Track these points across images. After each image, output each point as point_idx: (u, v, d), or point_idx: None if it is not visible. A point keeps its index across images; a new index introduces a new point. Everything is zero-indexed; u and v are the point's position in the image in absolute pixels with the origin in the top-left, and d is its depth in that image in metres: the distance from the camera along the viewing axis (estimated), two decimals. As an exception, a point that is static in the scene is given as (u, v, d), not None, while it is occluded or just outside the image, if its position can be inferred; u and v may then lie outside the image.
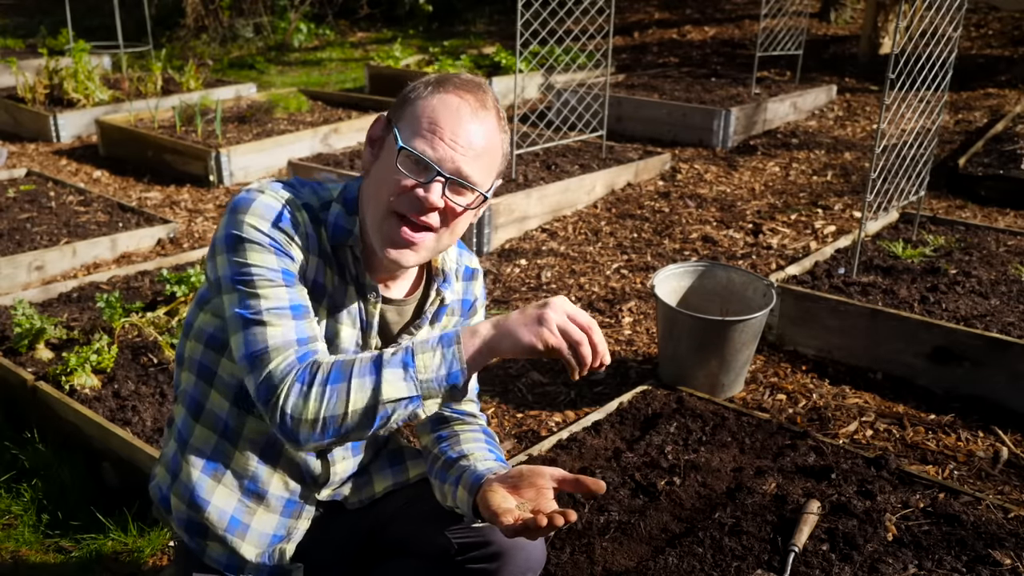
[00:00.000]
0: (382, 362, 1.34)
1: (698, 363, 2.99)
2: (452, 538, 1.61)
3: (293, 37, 11.02)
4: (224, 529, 1.60)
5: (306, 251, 1.45)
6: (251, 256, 1.39)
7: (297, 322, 1.39)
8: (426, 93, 1.41)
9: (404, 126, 1.41)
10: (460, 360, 1.34)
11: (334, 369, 1.35)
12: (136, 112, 6.54)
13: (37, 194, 5.06)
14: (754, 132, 6.36)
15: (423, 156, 1.37)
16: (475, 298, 1.73)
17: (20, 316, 3.09)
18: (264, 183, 1.48)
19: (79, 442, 2.68)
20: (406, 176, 1.38)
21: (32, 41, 9.91)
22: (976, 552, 2.15)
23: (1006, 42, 8.64)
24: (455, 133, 1.38)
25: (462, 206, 1.42)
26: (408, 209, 1.40)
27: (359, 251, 1.50)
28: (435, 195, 1.38)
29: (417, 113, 1.40)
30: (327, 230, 1.48)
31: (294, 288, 1.41)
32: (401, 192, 1.39)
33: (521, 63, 5.82)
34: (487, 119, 1.42)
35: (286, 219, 1.42)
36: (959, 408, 2.97)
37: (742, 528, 2.22)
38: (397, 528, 1.72)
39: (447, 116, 1.39)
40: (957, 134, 6.11)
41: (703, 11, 11.00)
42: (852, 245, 3.82)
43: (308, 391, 1.33)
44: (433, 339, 1.36)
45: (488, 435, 1.71)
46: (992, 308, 3.29)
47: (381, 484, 1.75)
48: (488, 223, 4.38)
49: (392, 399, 1.33)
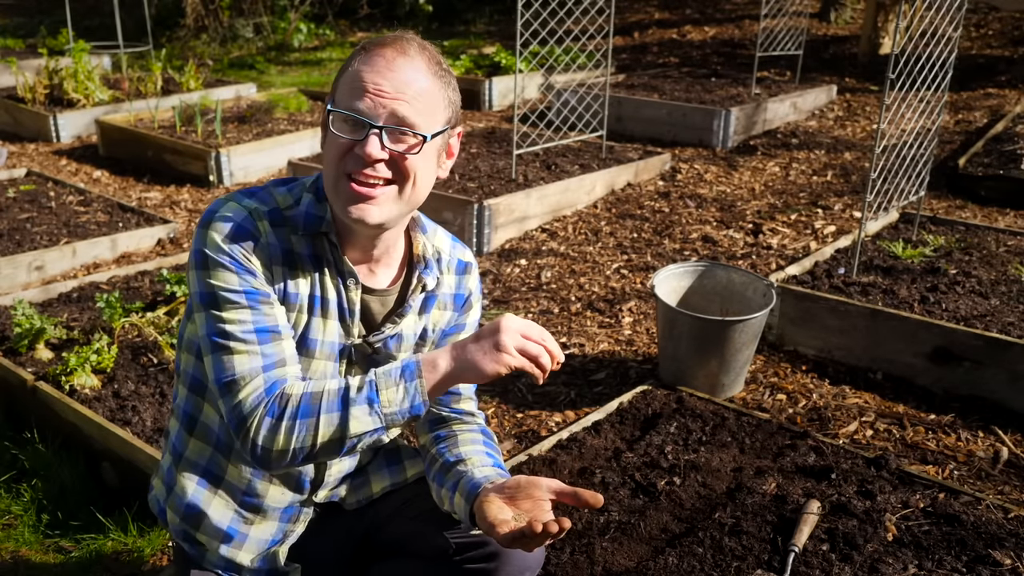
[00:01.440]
0: (348, 399, 1.38)
1: (698, 363, 3.00)
2: (450, 538, 1.61)
3: (293, 37, 11.02)
4: (221, 540, 1.61)
5: (268, 263, 1.45)
6: (215, 276, 1.41)
7: (263, 346, 1.41)
8: (352, 61, 1.43)
9: (338, 97, 1.43)
10: (422, 393, 1.38)
11: (303, 403, 1.38)
12: (136, 112, 6.55)
13: (37, 194, 5.06)
14: (754, 132, 6.36)
15: (350, 112, 1.39)
16: (469, 292, 1.71)
17: (20, 316, 3.09)
18: (231, 194, 1.49)
19: (79, 442, 2.68)
20: (343, 137, 1.40)
21: (32, 41, 9.91)
22: (976, 552, 2.15)
23: (1006, 42, 8.64)
24: (376, 83, 1.39)
25: (403, 150, 1.41)
26: (353, 167, 1.41)
27: (334, 236, 1.50)
28: (373, 147, 1.38)
29: (344, 80, 1.42)
30: (299, 222, 1.49)
31: (259, 309, 1.42)
32: (343, 154, 1.41)
33: (521, 63, 5.82)
34: (409, 63, 1.41)
35: (246, 232, 1.43)
36: (959, 408, 2.97)
37: (742, 528, 2.22)
38: (395, 528, 1.72)
39: (367, 71, 1.40)
40: (957, 134, 6.11)
41: (703, 11, 11.00)
42: (852, 245, 3.82)
43: (278, 424, 1.38)
44: (396, 371, 1.39)
45: (486, 435, 1.71)
46: (992, 308, 3.29)
47: (379, 484, 1.75)
48: (488, 223, 4.38)
49: (358, 433, 1.38)
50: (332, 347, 1.54)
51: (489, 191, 4.64)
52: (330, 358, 1.55)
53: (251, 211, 1.45)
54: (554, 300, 3.90)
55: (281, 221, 1.48)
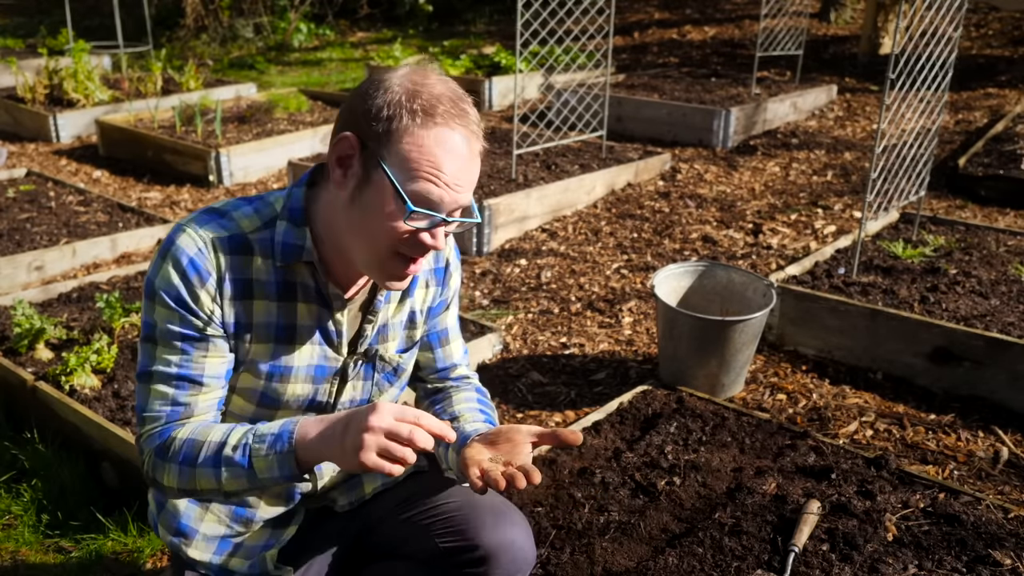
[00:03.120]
0: (222, 458, 1.38)
1: (698, 363, 2.99)
2: (440, 543, 1.60)
3: (293, 37, 11.02)
4: (213, 552, 1.62)
5: (221, 299, 1.42)
6: (158, 312, 1.41)
7: (178, 392, 1.43)
8: (415, 127, 1.31)
9: (396, 167, 1.32)
10: (292, 467, 1.36)
11: (184, 449, 1.41)
12: (136, 112, 6.55)
13: (37, 194, 5.06)
14: (754, 132, 6.36)
15: (427, 207, 1.33)
16: (447, 263, 1.68)
17: (20, 316, 3.09)
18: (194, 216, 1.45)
19: (79, 442, 2.68)
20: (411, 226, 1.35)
21: (32, 41, 9.91)
22: (976, 552, 2.15)
23: (1006, 42, 8.64)
24: (458, 178, 1.34)
25: (455, 232, 1.45)
26: (411, 251, 1.38)
27: (317, 263, 1.46)
28: (441, 241, 1.38)
29: (413, 154, 1.32)
30: (275, 251, 1.44)
31: (190, 355, 1.42)
32: (405, 239, 1.37)
33: (521, 63, 5.82)
34: (478, 149, 1.38)
35: (199, 269, 1.40)
36: (959, 408, 2.97)
37: (742, 528, 2.22)
38: (387, 530, 1.71)
39: (447, 159, 1.32)
40: (957, 134, 6.11)
41: (703, 11, 11.00)
42: (852, 245, 3.82)
43: (164, 464, 1.42)
44: (270, 438, 1.36)
45: (481, 393, 1.74)
46: (992, 308, 3.29)
47: (370, 485, 1.74)
48: (488, 223, 4.38)
49: (234, 491, 1.40)
50: (309, 371, 1.53)
51: (489, 191, 4.64)
52: (308, 381, 1.54)
53: (208, 242, 1.41)
54: (554, 300, 3.90)
55: (243, 248, 1.43)
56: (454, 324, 1.76)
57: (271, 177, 5.74)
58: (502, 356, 3.42)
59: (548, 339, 3.56)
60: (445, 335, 1.74)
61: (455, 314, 1.76)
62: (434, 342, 1.73)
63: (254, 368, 1.49)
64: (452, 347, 1.76)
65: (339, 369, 1.56)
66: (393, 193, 1.33)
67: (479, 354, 3.35)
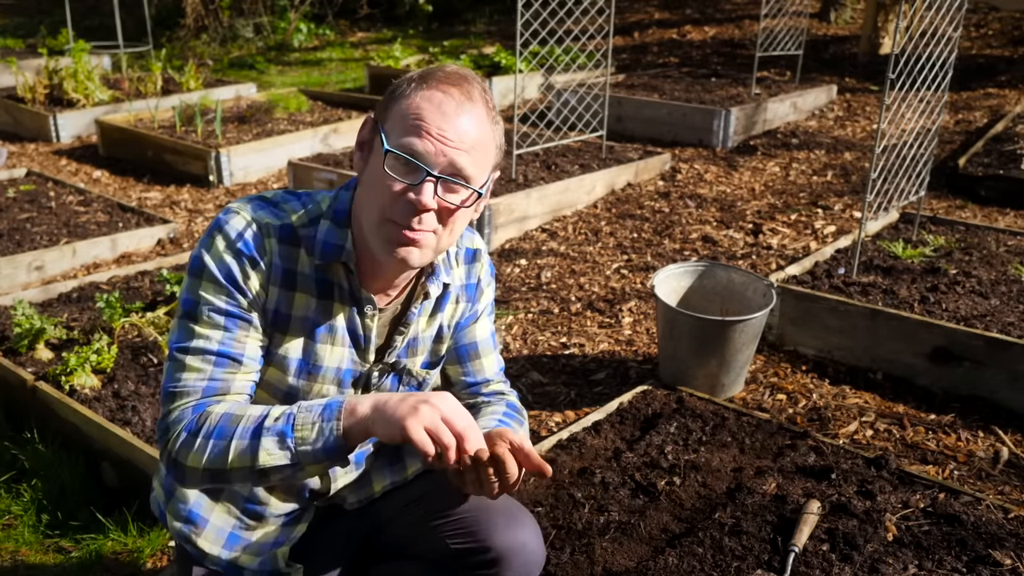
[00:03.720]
0: (262, 428, 1.34)
1: (698, 363, 2.99)
2: (450, 544, 1.59)
3: (293, 37, 11.02)
4: (223, 546, 1.61)
5: (267, 283, 1.43)
6: (205, 287, 1.40)
7: (216, 369, 1.40)
8: (409, 90, 1.36)
9: (390, 127, 1.36)
10: (338, 436, 1.32)
11: (220, 423, 1.36)
12: (136, 112, 6.55)
13: (37, 194, 5.06)
14: (754, 132, 6.36)
15: (410, 155, 1.33)
16: (479, 279, 1.67)
17: (20, 316, 3.09)
18: (246, 200, 1.45)
19: (79, 442, 2.68)
20: (396, 180, 1.34)
21: (32, 41, 9.91)
22: (976, 552, 2.15)
23: (1006, 42, 8.64)
24: (441, 128, 1.33)
25: (456, 204, 1.37)
26: (402, 216, 1.36)
27: (353, 265, 1.46)
28: (427, 196, 1.33)
29: (402, 112, 1.35)
30: (315, 248, 1.45)
31: (233, 332, 1.41)
32: (393, 198, 1.35)
33: (521, 63, 5.82)
34: (474, 110, 1.36)
35: (251, 249, 1.40)
36: (959, 408, 2.97)
37: (742, 528, 2.22)
38: (396, 531, 1.71)
39: (431, 111, 1.33)
40: (957, 134, 6.11)
41: (703, 11, 11.00)
42: (852, 245, 3.82)
43: (193, 440, 1.36)
44: (317, 408, 1.34)
45: (511, 408, 1.69)
46: (992, 308, 3.29)
47: (380, 484, 1.74)
48: (488, 223, 4.38)
49: (268, 466, 1.33)
50: (338, 373, 1.53)
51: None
52: (335, 383, 1.54)
53: (262, 226, 1.42)
54: (554, 300, 3.90)
55: (291, 239, 1.44)
56: (485, 338, 1.73)
57: (271, 177, 5.74)
58: (502, 356, 3.42)
59: (548, 339, 3.56)
60: (475, 348, 1.71)
61: (487, 328, 1.73)
62: (463, 355, 1.71)
63: (284, 362, 1.49)
64: (484, 362, 1.73)
65: (363, 375, 1.56)
66: (382, 149, 1.35)
67: (479, 354, 3.35)
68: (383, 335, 1.57)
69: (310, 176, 5.02)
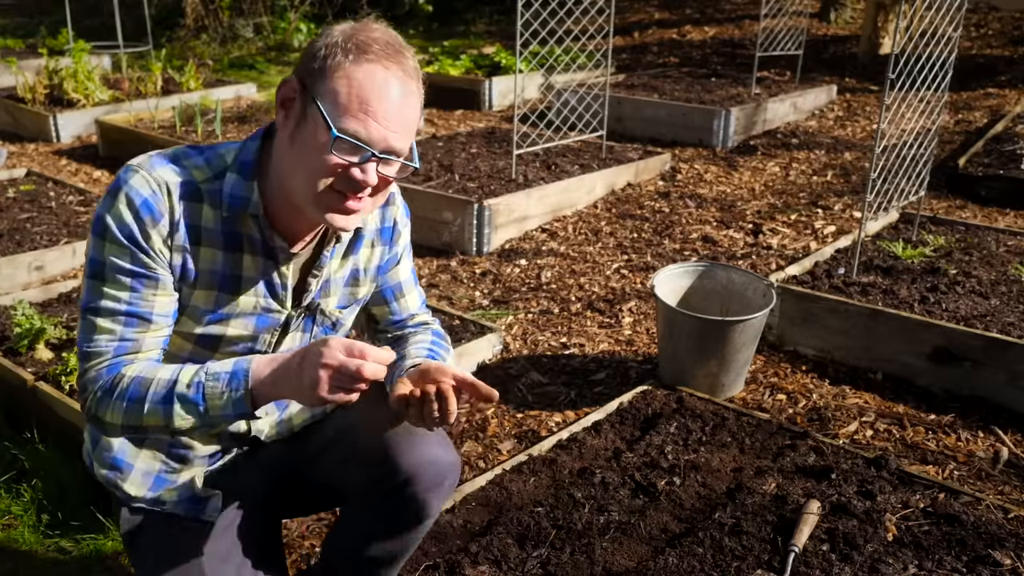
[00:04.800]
0: (173, 394, 1.39)
1: (698, 363, 3.00)
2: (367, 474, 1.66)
3: (293, 37, 11.02)
4: (149, 488, 1.66)
5: (171, 242, 1.45)
6: (108, 248, 1.42)
7: (126, 329, 1.44)
8: (348, 62, 1.36)
9: (330, 104, 1.37)
10: (247, 403, 1.38)
11: (132, 385, 1.41)
12: (136, 112, 6.55)
13: (37, 194, 5.06)
14: (754, 132, 6.36)
15: (357, 141, 1.37)
16: (395, 222, 1.73)
17: (20, 316, 3.09)
18: (147, 158, 1.47)
19: (79, 442, 2.67)
20: (340, 158, 1.39)
21: (32, 41, 9.91)
22: (976, 552, 2.15)
23: (1006, 42, 8.64)
24: (387, 113, 1.38)
25: (394, 175, 1.45)
26: (345, 188, 1.41)
27: (262, 215, 1.50)
28: (371, 175, 1.40)
29: (343, 88, 1.36)
30: (221, 202, 1.48)
31: (140, 292, 1.44)
32: (336, 173, 1.40)
33: (521, 63, 5.82)
34: (413, 91, 1.42)
35: (152, 210, 1.42)
36: (959, 408, 2.97)
37: (742, 528, 2.22)
38: (317, 471, 1.77)
39: (375, 93, 1.37)
40: (957, 134, 6.11)
41: (703, 11, 11.00)
42: (852, 245, 3.82)
43: (109, 400, 1.42)
44: (225, 376, 1.39)
45: (437, 335, 1.78)
46: (992, 308, 3.29)
47: (299, 418, 1.80)
48: (488, 223, 4.38)
49: (183, 428, 1.41)
50: (251, 320, 1.57)
51: (489, 191, 4.64)
52: (247, 329, 1.57)
53: (162, 184, 1.44)
54: (554, 300, 3.90)
55: (193, 195, 1.47)
56: (408, 278, 1.81)
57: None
58: (502, 356, 3.42)
59: (548, 339, 3.56)
60: (399, 288, 1.80)
61: (408, 267, 1.81)
62: (388, 296, 1.79)
63: (195, 313, 1.53)
64: (408, 299, 1.81)
65: (282, 322, 1.60)
66: (324, 126, 1.37)
67: (479, 354, 3.35)
68: (296, 277, 1.61)
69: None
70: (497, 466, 2.60)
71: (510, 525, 2.26)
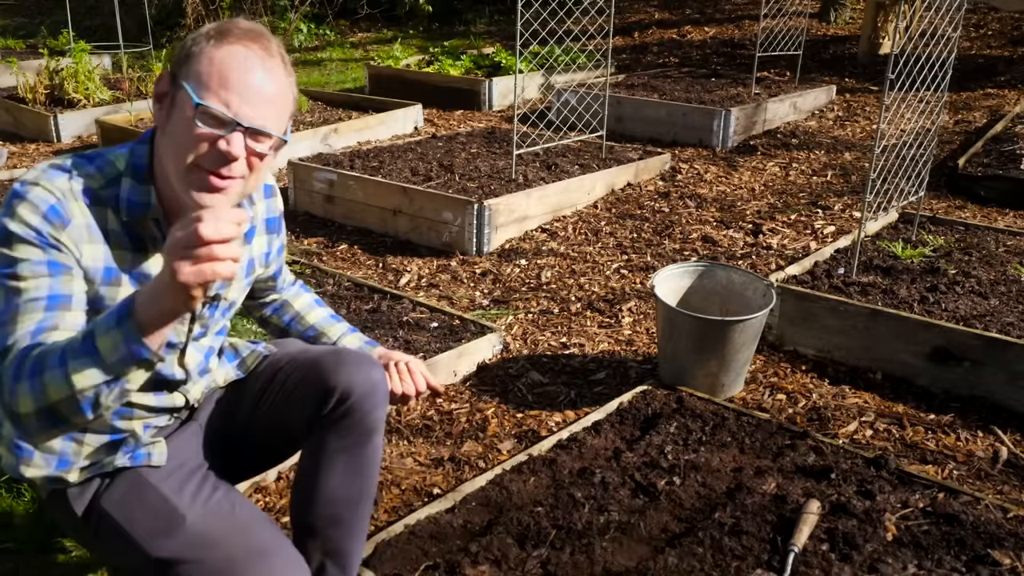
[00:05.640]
0: (67, 353, 1.31)
1: (698, 363, 3.00)
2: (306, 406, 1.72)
3: (293, 37, 11.03)
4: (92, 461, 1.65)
5: (78, 242, 1.46)
6: (16, 251, 1.42)
7: (47, 313, 1.41)
8: (209, 46, 1.43)
9: (194, 82, 1.42)
10: (137, 337, 1.27)
11: (32, 361, 1.34)
12: (137, 112, 6.55)
13: (37, 194, 5.06)
14: (754, 132, 6.36)
15: (219, 111, 1.40)
16: (279, 212, 1.86)
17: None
18: (41, 171, 1.48)
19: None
20: (205, 131, 1.41)
21: (32, 41, 9.92)
22: (976, 552, 2.15)
23: (1006, 42, 8.64)
24: (247, 85, 1.43)
25: (263, 151, 1.48)
26: (211, 163, 1.43)
27: (162, 218, 1.54)
28: (236, 146, 1.42)
29: (205, 67, 1.42)
30: (121, 207, 1.51)
31: (59, 277, 1.44)
32: (202, 147, 1.42)
33: (521, 63, 5.83)
34: (274, 67, 1.47)
35: (57, 212, 1.44)
36: (959, 408, 2.97)
37: (742, 528, 2.22)
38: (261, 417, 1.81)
39: (236, 68, 1.43)
40: (957, 134, 6.12)
41: (703, 11, 11.01)
42: (852, 245, 3.83)
43: (15, 386, 1.33)
44: (111, 315, 1.30)
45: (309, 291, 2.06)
46: (992, 308, 3.29)
47: (222, 375, 1.84)
48: (488, 223, 4.38)
49: (88, 386, 1.30)
50: None
51: (489, 191, 4.64)
52: None
53: (64, 191, 1.46)
54: (554, 300, 3.91)
55: (95, 200, 1.50)
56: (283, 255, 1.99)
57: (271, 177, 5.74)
58: (502, 356, 3.42)
59: (548, 339, 3.56)
60: (282, 268, 2.00)
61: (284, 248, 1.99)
62: (276, 276, 1.99)
63: None
64: (285, 273, 2.03)
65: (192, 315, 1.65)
66: (190, 103, 1.42)
67: (479, 354, 3.35)
68: None
69: (310, 176, 5.02)
70: (497, 466, 2.60)
71: (510, 525, 2.26)
